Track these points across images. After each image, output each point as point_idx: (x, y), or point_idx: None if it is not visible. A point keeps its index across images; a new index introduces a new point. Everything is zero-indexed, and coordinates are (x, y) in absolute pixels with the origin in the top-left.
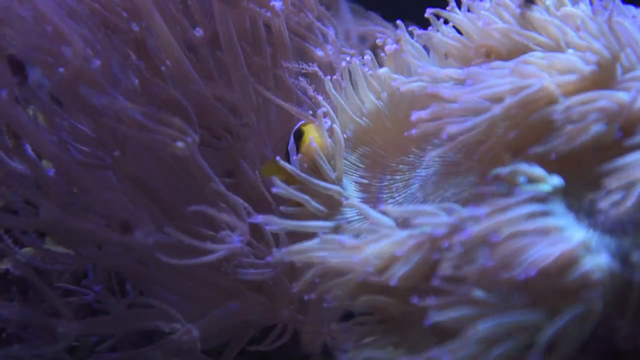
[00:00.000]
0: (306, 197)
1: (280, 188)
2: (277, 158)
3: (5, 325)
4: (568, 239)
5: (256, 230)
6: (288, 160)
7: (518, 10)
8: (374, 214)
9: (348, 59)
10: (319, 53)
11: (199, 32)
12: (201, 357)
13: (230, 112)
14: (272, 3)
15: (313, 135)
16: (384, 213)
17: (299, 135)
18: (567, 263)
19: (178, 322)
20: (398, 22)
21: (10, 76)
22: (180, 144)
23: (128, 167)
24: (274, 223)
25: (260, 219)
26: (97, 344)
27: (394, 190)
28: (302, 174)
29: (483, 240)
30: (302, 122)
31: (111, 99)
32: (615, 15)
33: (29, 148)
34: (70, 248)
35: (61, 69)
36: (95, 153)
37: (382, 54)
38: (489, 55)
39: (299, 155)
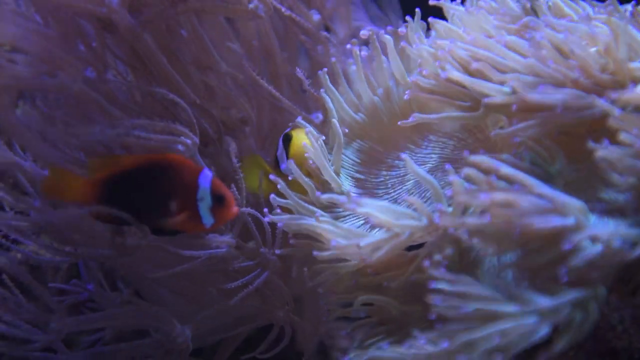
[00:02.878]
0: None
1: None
2: (272, 177)
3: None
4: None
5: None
6: (276, 165)
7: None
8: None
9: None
10: (319, 49)
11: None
12: None
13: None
14: (254, 4)
15: (302, 139)
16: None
17: (287, 139)
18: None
19: (172, 324)
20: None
21: None
22: (181, 147)
23: None
24: (278, 220)
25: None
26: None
27: (389, 186)
28: (322, 159)
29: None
30: (290, 128)
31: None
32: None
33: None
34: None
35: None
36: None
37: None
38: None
39: (289, 161)
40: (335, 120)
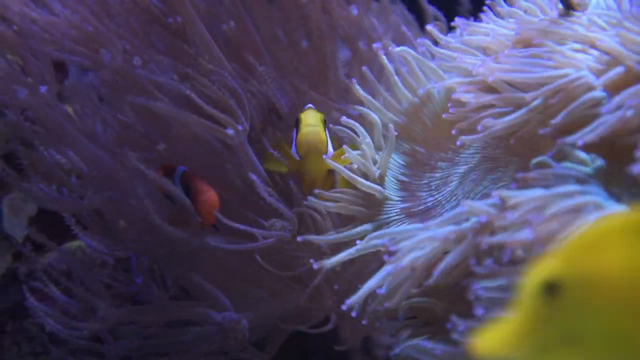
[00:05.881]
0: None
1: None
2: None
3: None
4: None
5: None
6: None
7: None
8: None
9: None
10: (363, 47)
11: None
12: (250, 349)
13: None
14: None
15: (309, 122)
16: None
17: (297, 121)
18: None
19: (229, 311)
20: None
21: (51, 73)
22: (230, 132)
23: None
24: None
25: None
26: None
27: (433, 188)
28: (349, 173)
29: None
30: (307, 106)
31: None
32: None
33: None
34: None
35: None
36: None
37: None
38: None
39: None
40: (391, 125)
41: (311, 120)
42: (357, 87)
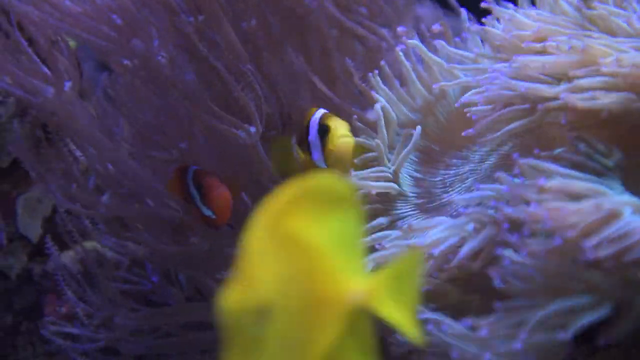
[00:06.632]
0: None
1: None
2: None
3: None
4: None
5: None
6: (306, 149)
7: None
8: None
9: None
10: (384, 44)
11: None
12: None
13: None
14: None
15: (342, 133)
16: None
17: (324, 130)
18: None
19: None
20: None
21: (75, 70)
22: (242, 133)
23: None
24: None
25: None
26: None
27: (447, 184)
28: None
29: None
30: (321, 112)
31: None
32: None
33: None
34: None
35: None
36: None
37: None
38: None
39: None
40: (418, 129)
41: (343, 130)
42: (378, 79)
